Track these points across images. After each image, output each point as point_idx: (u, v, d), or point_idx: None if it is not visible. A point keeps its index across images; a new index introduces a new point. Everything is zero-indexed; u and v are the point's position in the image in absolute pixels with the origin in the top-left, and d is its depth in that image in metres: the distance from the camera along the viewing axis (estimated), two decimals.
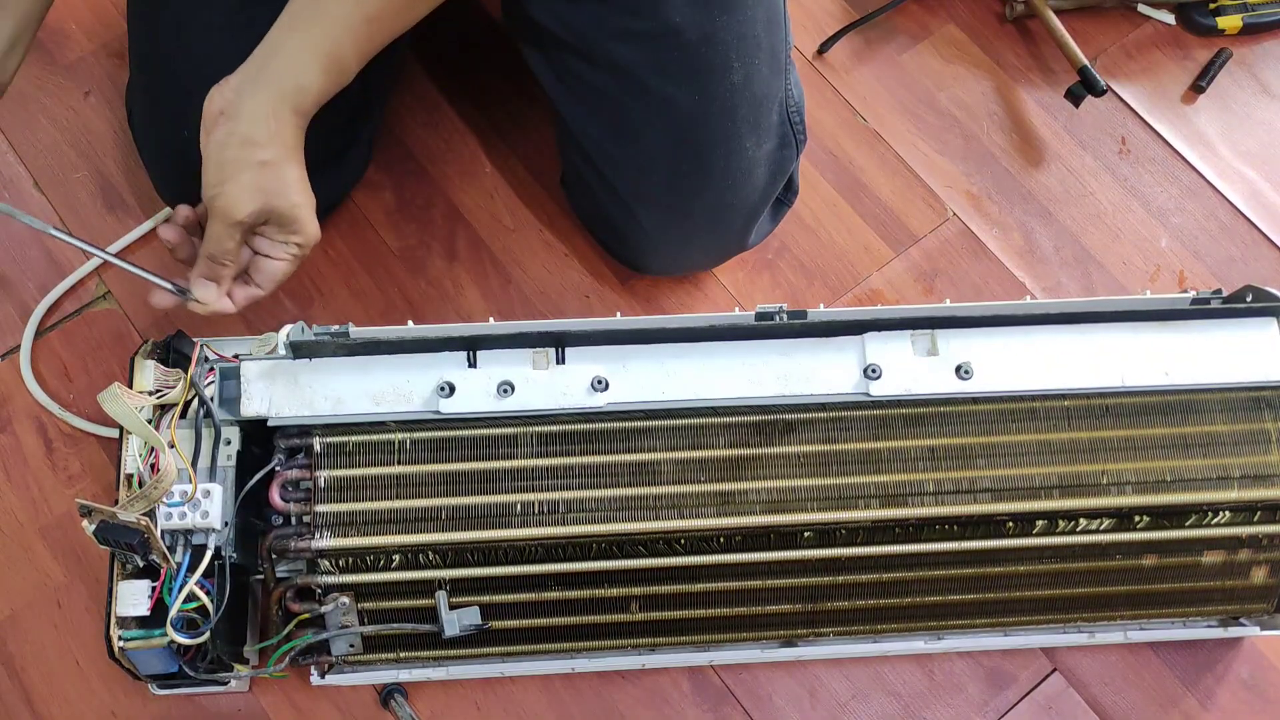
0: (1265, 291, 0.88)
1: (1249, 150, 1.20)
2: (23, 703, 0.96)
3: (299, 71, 0.83)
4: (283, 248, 0.87)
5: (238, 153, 0.82)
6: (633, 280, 1.11)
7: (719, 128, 0.96)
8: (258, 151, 0.82)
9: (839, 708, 0.96)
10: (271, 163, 0.83)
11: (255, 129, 0.82)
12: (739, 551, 0.85)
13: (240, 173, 0.82)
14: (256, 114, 0.82)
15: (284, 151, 0.83)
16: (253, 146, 0.82)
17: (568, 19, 0.94)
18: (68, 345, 1.08)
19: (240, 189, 0.82)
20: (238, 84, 0.83)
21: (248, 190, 0.82)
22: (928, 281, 1.13)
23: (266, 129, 0.82)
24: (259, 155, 0.82)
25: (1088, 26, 1.24)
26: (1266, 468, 0.86)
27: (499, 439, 0.84)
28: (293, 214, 0.85)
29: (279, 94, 0.82)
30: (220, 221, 0.83)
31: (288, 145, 0.84)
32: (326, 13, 0.83)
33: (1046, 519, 0.86)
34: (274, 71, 0.83)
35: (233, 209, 0.82)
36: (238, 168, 0.82)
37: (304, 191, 0.85)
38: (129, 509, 0.79)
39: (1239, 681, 0.98)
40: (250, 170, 0.82)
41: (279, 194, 0.83)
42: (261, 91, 0.82)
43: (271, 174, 0.83)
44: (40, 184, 1.14)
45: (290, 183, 0.84)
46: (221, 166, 0.82)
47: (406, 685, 0.94)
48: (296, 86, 0.83)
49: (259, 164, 0.82)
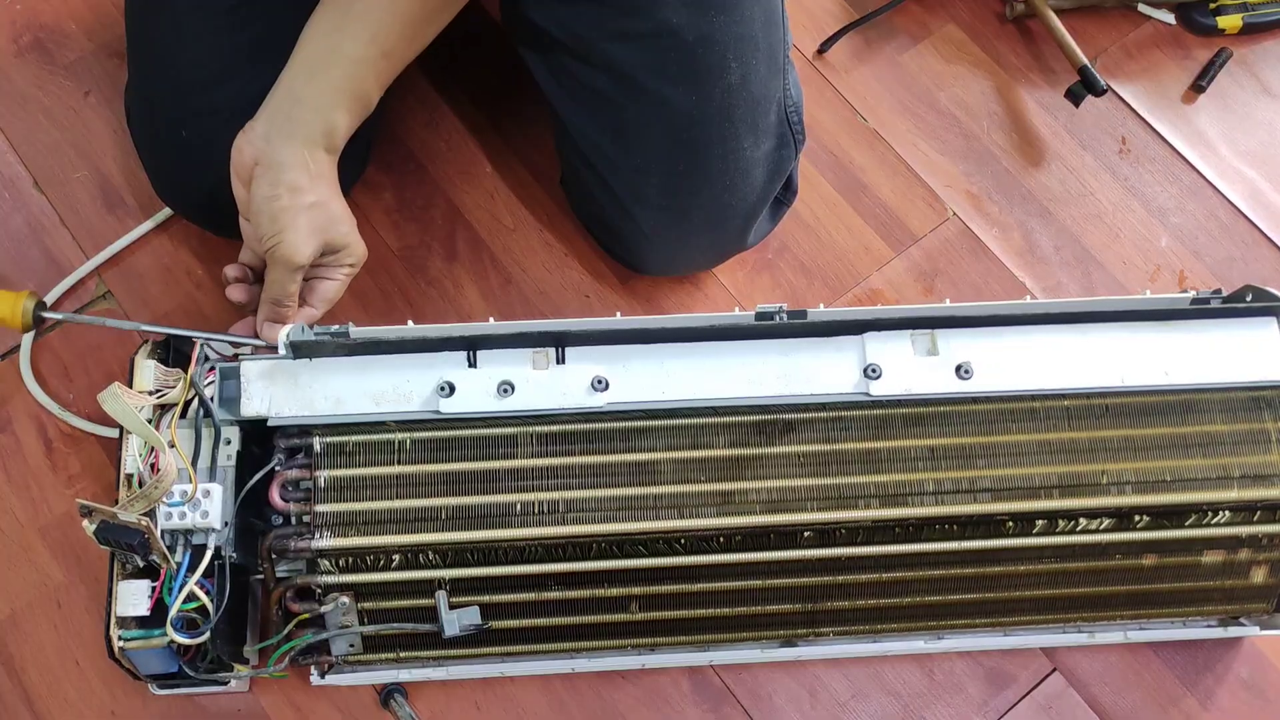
0: (1265, 291, 0.88)
1: (1249, 150, 1.20)
2: (23, 703, 0.96)
3: (326, 114, 0.87)
4: (336, 270, 0.92)
5: (289, 201, 0.85)
6: (633, 280, 1.11)
7: (716, 128, 0.96)
8: (305, 196, 0.86)
9: (839, 708, 0.96)
10: (319, 202, 0.87)
11: (299, 176, 0.86)
12: (739, 551, 0.85)
13: (295, 219, 0.85)
14: (295, 161, 0.86)
15: (326, 188, 0.88)
16: (300, 193, 0.86)
17: (565, 20, 0.94)
18: (68, 345, 1.08)
19: (298, 235, 0.86)
20: (265, 132, 0.86)
21: (304, 234, 0.86)
22: (928, 281, 1.13)
23: (308, 173, 0.86)
24: (307, 199, 0.86)
25: (1088, 26, 1.24)
26: (1266, 468, 0.86)
27: (499, 439, 0.84)
28: (344, 241, 0.89)
29: (311, 139, 0.86)
30: (283, 268, 0.87)
31: (327, 181, 0.88)
32: (345, 55, 0.86)
33: (1046, 519, 0.86)
34: (302, 119, 0.86)
35: (294, 256, 0.86)
36: (292, 215, 0.85)
37: (348, 217, 0.90)
38: (129, 509, 0.79)
39: (1239, 681, 0.98)
40: (303, 215, 0.86)
41: (331, 228, 0.88)
42: (296, 138, 0.86)
43: (321, 212, 0.87)
44: (40, 184, 1.14)
45: (337, 214, 0.89)
46: (275, 218, 0.85)
47: (406, 685, 0.94)
48: (326, 129, 0.87)
49: (309, 206, 0.86)
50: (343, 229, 0.89)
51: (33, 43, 1.20)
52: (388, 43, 0.87)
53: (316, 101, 0.86)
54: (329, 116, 0.87)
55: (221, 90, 0.95)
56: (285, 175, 0.85)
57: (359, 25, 0.85)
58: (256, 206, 0.86)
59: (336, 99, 0.87)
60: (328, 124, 0.87)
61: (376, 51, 0.86)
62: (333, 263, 0.91)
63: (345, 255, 0.91)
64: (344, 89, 0.87)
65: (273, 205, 0.85)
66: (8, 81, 1.18)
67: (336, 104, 0.87)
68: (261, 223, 0.86)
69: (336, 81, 0.86)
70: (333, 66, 0.86)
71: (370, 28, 0.86)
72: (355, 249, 0.91)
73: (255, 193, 0.86)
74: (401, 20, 0.86)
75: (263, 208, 0.86)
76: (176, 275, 1.10)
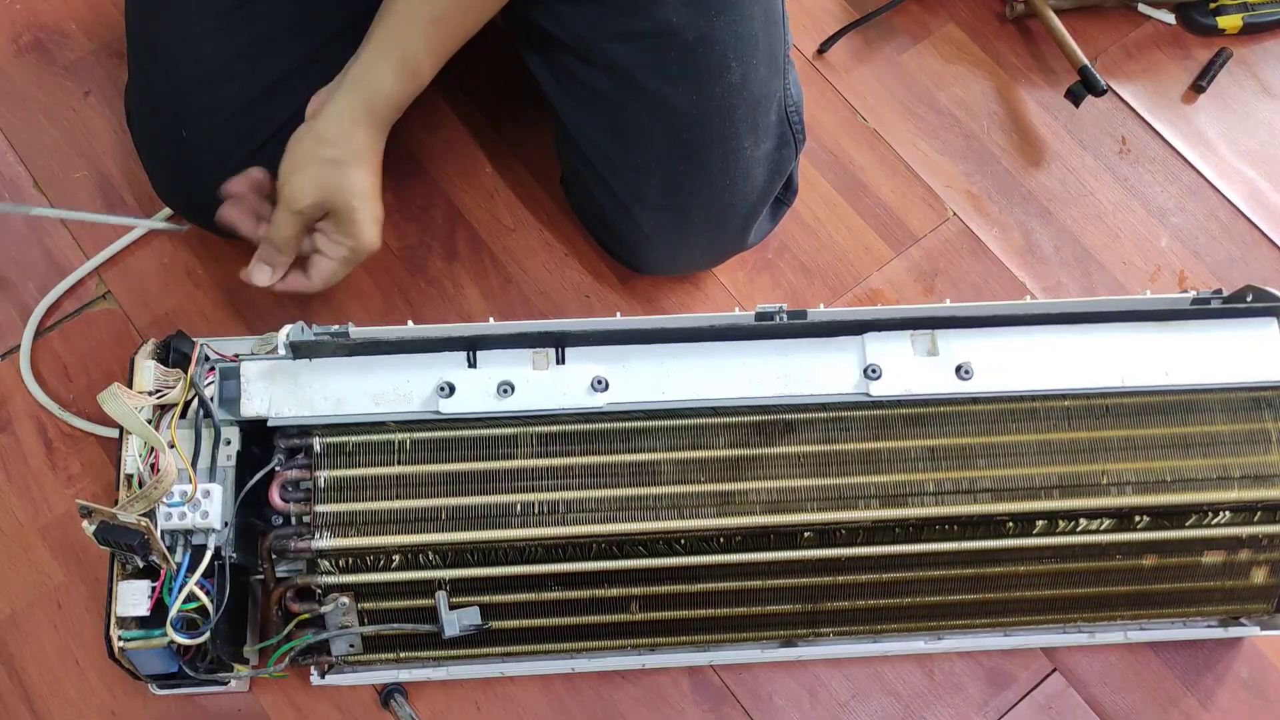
0: (1265, 291, 0.88)
1: (1249, 150, 1.20)
2: (23, 703, 0.96)
3: (373, 74, 0.88)
4: (335, 247, 0.91)
5: (309, 147, 0.88)
6: (633, 280, 1.11)
7: (716, 128, 0.96)
8: (326, 149, 0.87)
9: (839, 708, 0.96)
10: (338, 161, 0.87)
11: (328, 128, 0.87)
12: (739, 551, 0.85)
13: (307, 165, 0.87)
14: (332, 114, 0.88)
15: (352, 154, 0.88)
16: (323, 143, 0.87)
17: (565, 20, 0.94)
18: (68, 345, 1.08)
19: (304, 180, 0.87)
20: (330, 88, 0.89)
21: (310, 182, 0.87)
22: (928, 281, 1.13)
23: (339, 128, 0.87)
24: (327, 152, 0.87)
25: (1088, 26, 1.24)
26: (1266, 468, 0.86)
27: (499, 439, 0.84)
28: (349, 215, 0.89)
29: (355, 96, 0.88)
30: (283, 208, 0.88)
31: (356, 149, 0.88)
32: (394, 14, 0.88)
33: (1046, 519, 0.86)
34: (352, 76, 0.88)
35: (294, 198, 0.87)
36: (306, 160, 0.87)
37: (365, 198, 0.89)
38: (129, 509, 0.79)
39: (1239, 681, 0.98)
40: (316, 164, 0.87)
41: (338, 191, 0.88)
42: (342, 94, 0.88)
43: (335, 171, 0.88)
44: (40, 184, 1.14)
45: (352, 185, 0.89)
46: (294, 158, 0.88)
47: (406, 685, 0.94)
48: (372, 88, 0.88)
49: (325, 160, 0.87)
50: (351, 201, 0.88)
51: (33, 43, 1.20)
52: (439, 8, 0.88)
53: (366, 60, 0.88)
54: (374, 76, 0.88)
55: (222, 90, 0.95)
56: (318, 124, 0.88)
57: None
58: (288, 146, 0.88)
59: (384, 59, 0.88)
60: (374, 83, 0.88)
61: (428, 15, 0.87)
62: (335, 237, 0.90)
63: (347, 234, 0.90)
64: (391, 51, 0.88)
65: (297, 147, 0.88)
66: (8, 81, 1.18)
67: (384, 64, 0.88)
68: (285, 160, 0.88)
69: (385, 42, 0.88)
70: (381, 28, 0.88)
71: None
72: (361, 235, 0.90)
73: (294, 135, 0.89)
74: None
75: (290, 147, 0.88)
76: (176, 275, 1.10)
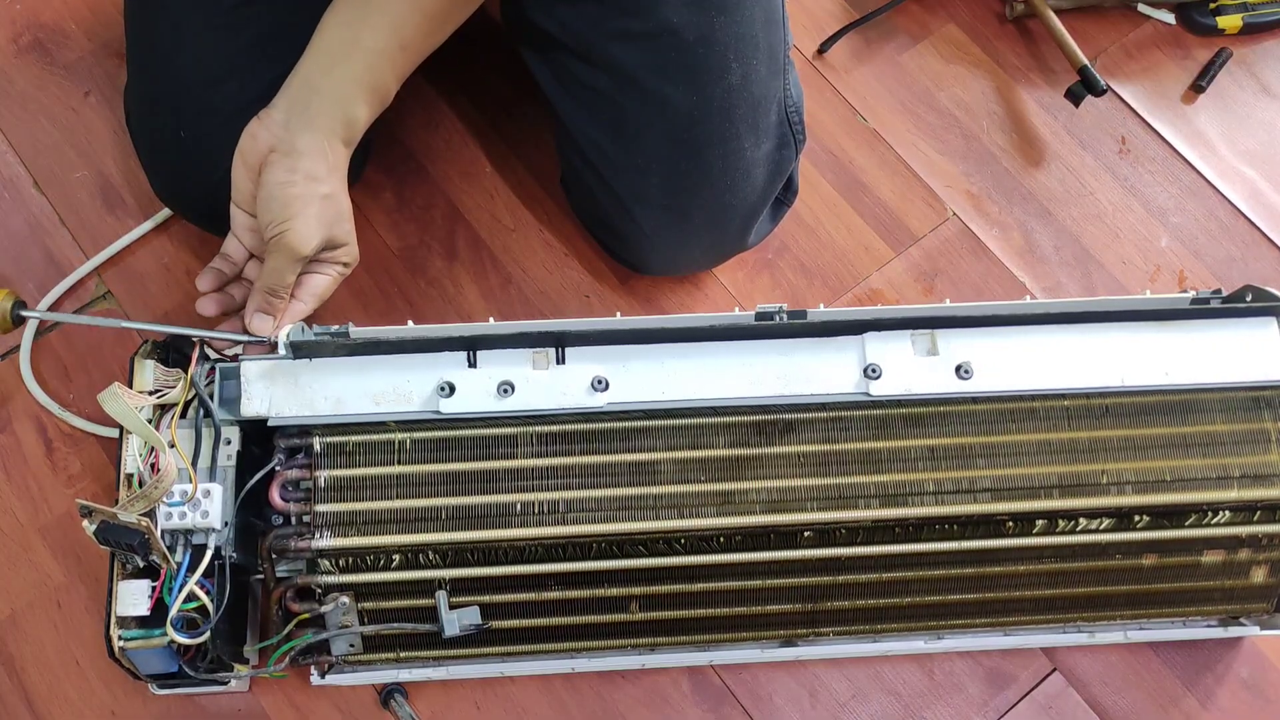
0: (1265, 291, 0.88)
1: (1249, 150, 1.20)
2: (23, 703, 0.96)
3: (346, 106, 0.86)
4: (330, 266, 0.91)
5: (303, 189, 0.85)
6: (633, 280, 1.11)
7: (717, 128, 0.96)
8: (320, 186, 0.85)
9: (839, 708, 0.96)
10: (332, 195, 0.87)
11: (317, 165, 0.85)
12: (739, 551, 0.85)
13: (306, 208, 0.85)
14: (315, 150, 0.85)
15: (339, 182, 0.87)
16: (316, 182, 0.85)
17: (565, 20, 0.94)
18: (68, 345, 1.08)
19: (307, 224, 0.85)
20: (284, 119, 0.85)
21: (313, 224, 0.85)
22: (928, 281, 1.13)
23: (325, 164, 0.86)
24: (321, 190, 0.86)
25: (1088, 26, 1.24)
26: (1266, 467, 0.86)
27: (499, 439, 0.84)
28: (345, 239, 0.89)
29: (331, 130, 0.86)
30: (285, 257, 0.85)
31: (340, 175, 0.88)
32: (364, 47, 0.86)
33: (1046, 519, 0.86)
34: (322, 110, 0.86)
35: (300, 245, 0.85)
36: (304, 204, 0.85)
37: (351, 215, 0.89)
38: (129, 509, 0.79)
39: (1239, 681, 0.98)
40: (315, 204, 0.85)
41: (338, 223, 0.88)
42: (315, 127, 0.85)
43: (332, 206, 0.87)
44: (40, 184, 1.14)
45: (345, 211, 0.88)
46: (287, 204, 0.84)
47: (406, 685, 0.94)
48: (346, 120, 0.87)
49: (322, 198, 0.86)
50: (346, 226, 0.89)
51: (33, 43, 1.20)
52: (406, 35, 0.87)
53: (335, 93, 0.86)
54: (348, 108, 0.86)
55: (221, 90, 0.95)
56: (303, 163, 0.85)
57: (379, 17, 0.85)
58: (267, 192, 0.85)
59: (356, 91, 0.86)
60: (347, 116, 0.87)
61: (396, 44, 0.86)
62: (328, 259, 0.91)
63: (342, 253, 0.91)
64: (363, 81, 0.87)
65: (286, 191, 0.84)
66: (8, 81, 1.19)
67: (356, 96, 0.87)
68: (271, 209, 0.85)
69: (356, 73, 0.86)
70: (352, 58, 0.86)
71: (390, 20, 0.86)
72: (353, 249, 0.91)
73: (268, 178, 0.85)
74: (421, 13, 0.87)
75: (275, 193, 0.85)
76: (176, 275, 1.10)
